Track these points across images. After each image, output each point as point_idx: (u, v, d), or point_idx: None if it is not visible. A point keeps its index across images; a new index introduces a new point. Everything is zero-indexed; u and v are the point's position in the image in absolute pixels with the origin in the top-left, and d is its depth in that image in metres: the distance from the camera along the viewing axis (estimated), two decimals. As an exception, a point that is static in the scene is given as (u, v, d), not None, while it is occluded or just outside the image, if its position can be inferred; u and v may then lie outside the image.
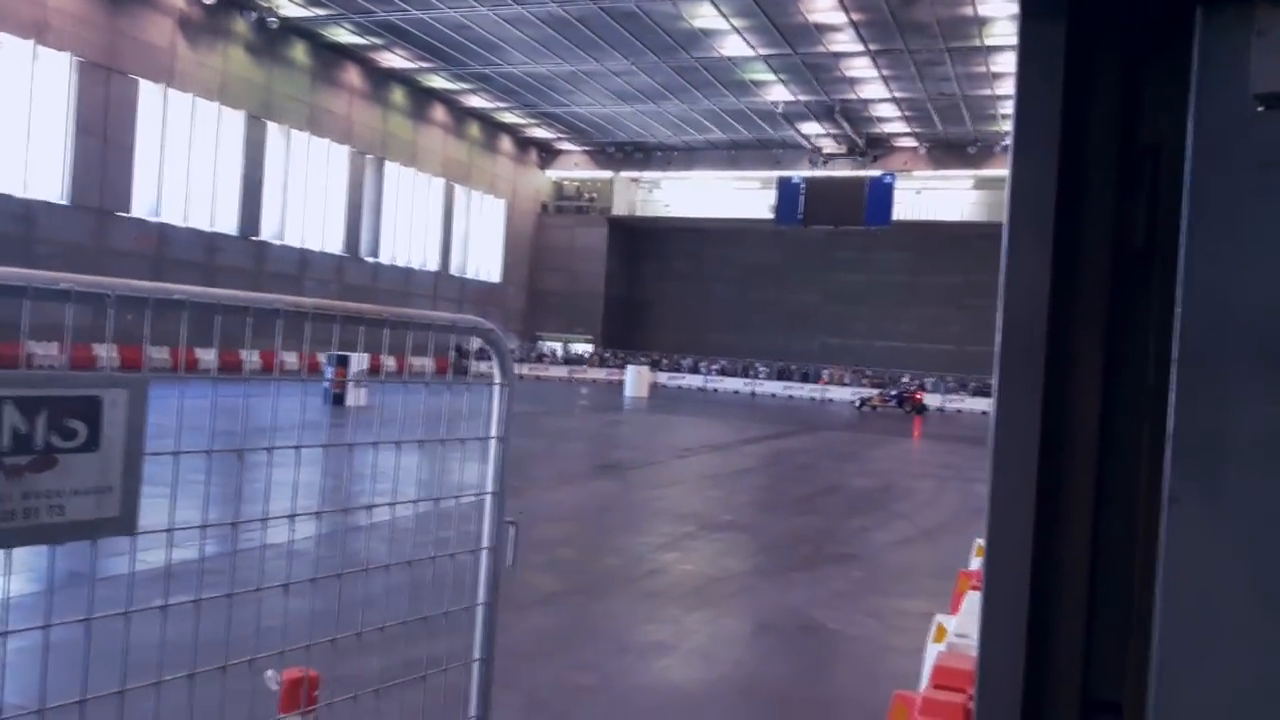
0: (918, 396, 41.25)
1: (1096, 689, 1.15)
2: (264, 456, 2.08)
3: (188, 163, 35.25)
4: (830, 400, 47.78)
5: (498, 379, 2.36)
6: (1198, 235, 1.08)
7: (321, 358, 22.49)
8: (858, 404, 42.85)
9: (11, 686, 1.80)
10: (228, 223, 37.10)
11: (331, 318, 2.02)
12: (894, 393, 43.14)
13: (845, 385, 49.55)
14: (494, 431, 2.37)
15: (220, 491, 2.26)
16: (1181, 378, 1.07)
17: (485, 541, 2.38)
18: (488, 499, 2.37)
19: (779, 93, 42.22)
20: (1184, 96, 1.08)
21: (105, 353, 1.75)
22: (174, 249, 34.68)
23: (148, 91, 33.45)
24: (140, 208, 33.49)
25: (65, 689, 1.74)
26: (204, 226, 36.07)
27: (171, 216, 34.73)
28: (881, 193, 46.74)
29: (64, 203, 30.74)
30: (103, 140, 31.70)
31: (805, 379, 51.12)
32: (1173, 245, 1.10)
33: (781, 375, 51.93)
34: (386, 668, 2.31)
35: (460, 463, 2.66)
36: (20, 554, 1.70)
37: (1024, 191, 1.15)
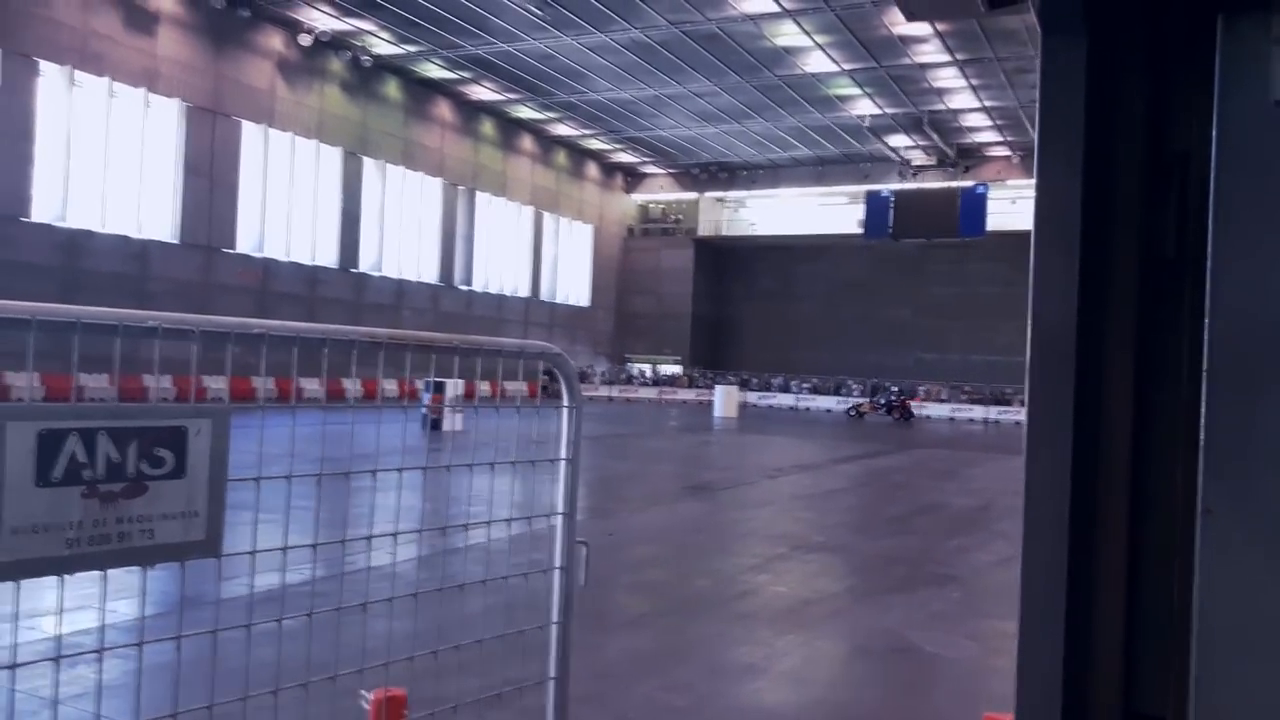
0: (905, 403, 43.88)
1: (1140, 701, 1.12)
2: (361, 481, 2.17)
3: (289, 199, 36.68)
4: (928, 417, 46.76)
5: (566, 402, 2.40)
6: (1224, 243, 1.05)
7: (419, 385, 22.99)
8: (850, 412, 44.46)
9: (116, 704, 1.91)
10: (328, 256, 38.42)
11: (405, 347, 2.10)
12: (883, 400, 44.74)
13: (943, 401, 48.52)
14: (563, 453, 2.42)
15: (314, 516, 2.35)
16: (1212, 387, 1.05)
17: (557, 562, 2.42)
18: (559, 520, 2.41)
19: (865, 106, 41.82)
20: (1210, 105, 1.06)
21: (192, 384, 1.84)
22: (278, 283, 36.07)
23: (250, 132, 34.98)
24: (245, 244, 34.95)
25: (160, 705, 1.83)
26: (305, 260, 37.43)
27: (275, 251, 36.15)
28: (974, 203, 45.54)
29: (174, 241, 32.30)
30: (209, 180, 33.25)
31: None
32: (1203, 253, 1.07)
33: (874, 393, 51.09)
34: (464, 687, 2.36)
35: (546, 484, 2.72)
36: (129, 580, 1.80)
37: (1050, 204, 1.14)
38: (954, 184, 47.47)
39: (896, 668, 7.17)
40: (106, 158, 30.24)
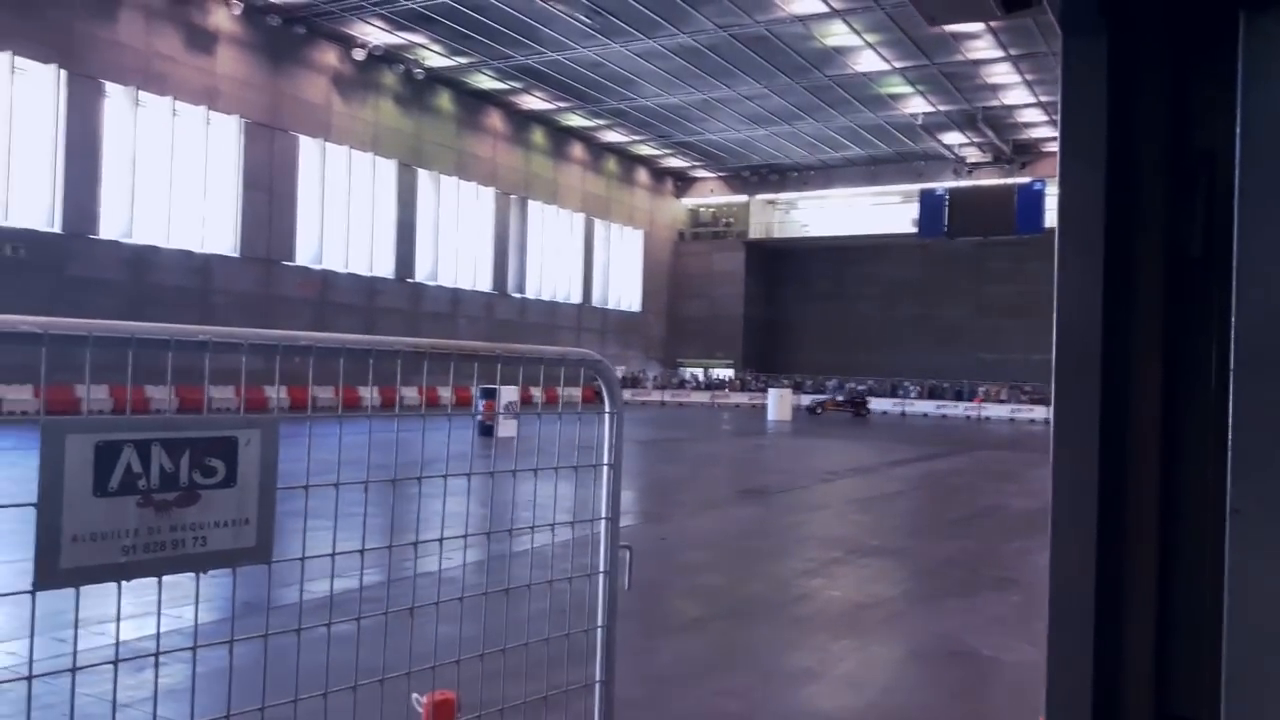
0: (863, 400, 45.76)
1: (1173, 703, 1.10)
2: (415, 487, 2.21)
3: (346, 211, 37.33)
4: (987, 419, 46.03)
5: (607, 408, 2.42)
6: (1251, 240, 1.03)
7: (473, 391, 23.19)
8: (816, 409, 45.13)
9: (176, 707, 1.96)
10: (385, 266, 39.01)
11: (449, 356, 2.14)
12: (842, 398, 46.06)
13: (1002, 402, 47.73)
14: (605, 458, 2.44)
15: (363, 522, 2.41)
16: (1239, 386, 1.03)
17: (601, 566, 2.44)
18: (601, 524, 2.44)
19: (918, 104, 41.37)
20: (1233, 102, 1.04)
21: (241, 394, 1.90)
22: (337, 294, 36.72)
23: (307, 146, 35.68)
24: (304, 256, 35.64)
25: (215, 707, 1.89)
26: (363, 271, 38.05)
27: (333, 263, 36.81)
28: (1032, 200, 44.73)
29: (235, 255, 33.05)
30: (268, 195, 33.97)
31: (959, 397, 49.51)
32: (1229, 251, 1.05)
33: (933, 394, 50.43)
34: (512, 690, 2.39)
35: (597, 488, 2.74)
36: (199, 586, 1.86)
37: (1074, 205, 1.13)
38: (1010, 181, 46.65)
39: (954, 672, 7.08)
40: (170, 175, 31.06)
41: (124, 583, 1.70)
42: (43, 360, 1.60)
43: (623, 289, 54.72)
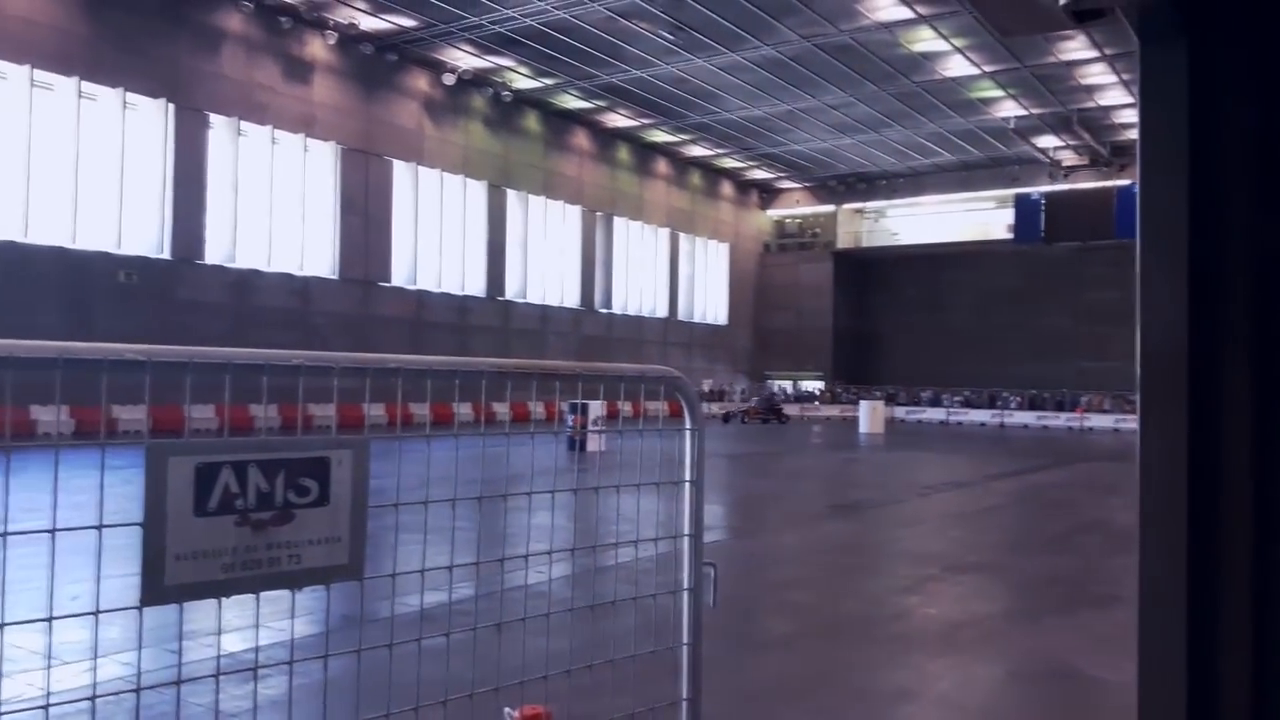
0: (779, 408, 46.33)
1: None
2: (508, 502, 2.25)
3: (439, 232, 38.22)
4: (1090, 430, 44.50)
5: (688, 424, 2.42)
6: None
7: (563, 406, 23.41)
8: (741, 419, 44.81)
9: (275, 718, 2.03)
10: (476, 285, 39.79)
11: (531, 375, 2.18)
12: (762, 408, 45.99)
13: (1106, 412, 46.08)
14: (686, 475, 2.43)
15: (462, 537, 2.46)
16: None
17: (685, 583, 2.43)
18: (685, 541, 2.43)
19: (1010, 108, 40.41)
20: None
21: (335, 414, 1.96)
22: (430, 313, 37.58)
23: (400, 170, 36.67)
24: (399, 277, 36.57)
25: None
26: (456, 290, 38.87)
27: (427, 283, 37.70)
28: (1132, 203, 42.60)
29: (334, 277, 34.10)
30: (364, 218, 35.00)
31: (1060, 407, 48.00)
32: None
33: (1033, 405, 48.98)
34: (599, 706, 2.40)
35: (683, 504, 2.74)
36: (302, 601, 1.93)
37: (1156, 216, 1.09)
38: (1109, 183, 45.22)
39: (1057, 692, 6.84)
40: (270, 200, 32.26)
41: (224, 599, 1.77)
42: (146, 386, 1.68)
43: (709, 302, 54.67)
